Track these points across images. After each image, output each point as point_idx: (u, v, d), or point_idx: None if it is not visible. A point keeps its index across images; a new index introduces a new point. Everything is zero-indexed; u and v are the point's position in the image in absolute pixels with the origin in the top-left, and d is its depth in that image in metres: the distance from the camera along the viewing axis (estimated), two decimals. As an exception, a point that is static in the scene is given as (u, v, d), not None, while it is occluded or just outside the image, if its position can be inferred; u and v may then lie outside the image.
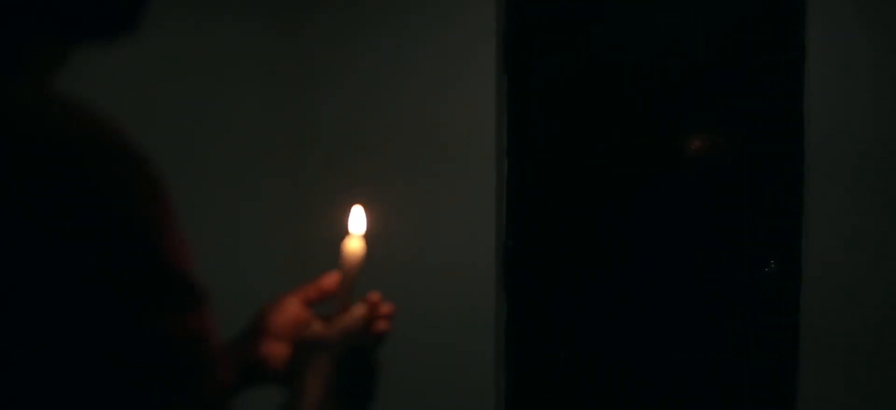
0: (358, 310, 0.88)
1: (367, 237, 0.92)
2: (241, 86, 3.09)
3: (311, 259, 1.28)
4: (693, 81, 2.84)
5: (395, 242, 3.08)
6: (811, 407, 2.71)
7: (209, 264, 0.63)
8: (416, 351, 3.12)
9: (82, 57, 0.64)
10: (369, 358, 0.90)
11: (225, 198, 2.93)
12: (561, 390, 3.10)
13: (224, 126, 2.99)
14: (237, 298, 1.15)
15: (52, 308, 0.49)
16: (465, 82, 3.08)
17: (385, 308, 0.92)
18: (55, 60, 0.61)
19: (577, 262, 3.04)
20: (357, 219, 0.92)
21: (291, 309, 0.92)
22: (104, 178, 0.51)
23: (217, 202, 2.87)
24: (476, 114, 3.06)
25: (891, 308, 2.61)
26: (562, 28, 3.02)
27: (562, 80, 3.03)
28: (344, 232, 0.92)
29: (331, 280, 0.93)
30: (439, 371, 3.13)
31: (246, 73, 3.11)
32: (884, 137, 2.60)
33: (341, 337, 0.86)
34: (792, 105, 2.70)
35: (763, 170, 2.78)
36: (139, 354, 0.51)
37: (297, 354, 0.88)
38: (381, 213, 1.01)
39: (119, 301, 0.50)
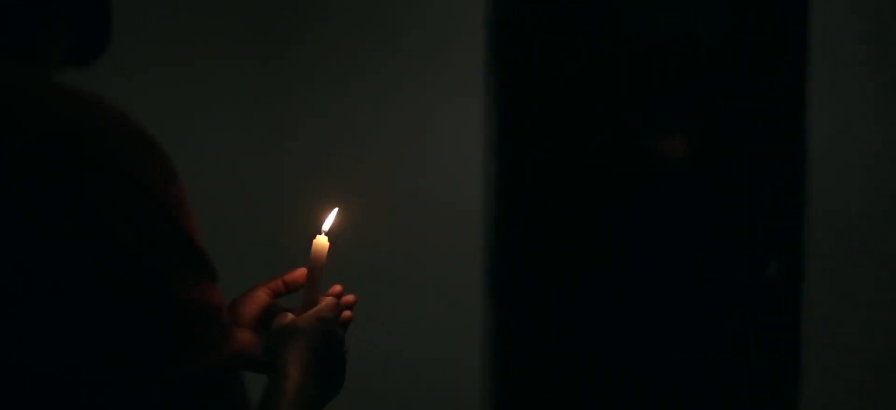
0: (328, 301, 0.99)
1: (333, 236, 1.02)
2: (223, 85, 2.99)
3: (293, 258, 1.28)
4: (691, 77, 2.80)
5: (375, 245, 3.01)
6: (814, 416, 2.65)
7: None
8: (398, 359, 3.05)
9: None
10: (339, 343, 1.00)
11: (208, 198, 2.84)
12: (551, 400, 3.02)
13: (208, 125, 2.89)
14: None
15: (83, 273, 0.54)
16: (451, 79, 3.00)
17: (348, 298, 1.04)
18: (58, 61, 0.68)
19: (568, 266, 2.98)
20: (326, 220, 1.04)
21: (259, 299, 1.01)
22: (132, 160, 0.58)
23: (200, 204, 2.78)
24: (462, 112, 2.99)
25: (897, 311, 2.55)
26: (553, 22, 2.95)
27: (554, 77, 2.97)
28: (318, 232, 1.02)
29: (297, 274, 1.04)
30: (422, 379, 3.04)
31: (228, 73, 3.02)
32: (889, 135, 2.56)
33: (314, 325, 0.95)
34: (794, 101, 2.65)
35: (763, 169, 2.73)
36: (164, 317, 0.57)
37: (274, 340, 0.95)
38: (361, 216, 1.08)
39: (147, 268, 0.57)
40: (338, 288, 1.03)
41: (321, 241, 1.01)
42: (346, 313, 1.03)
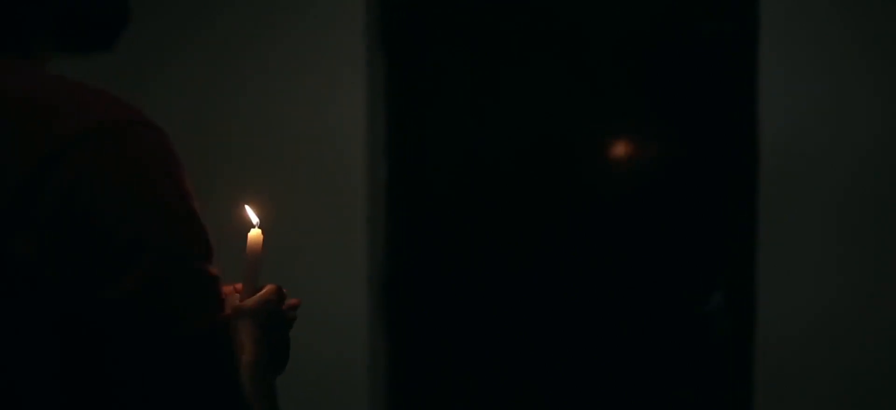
0: (269, 287, 1.14)
1: (264, 227, 1.18)
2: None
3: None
4: (619, 63, 2.68)
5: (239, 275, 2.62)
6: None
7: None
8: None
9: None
10: (284, 322, 1.18)
11: None
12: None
13: None
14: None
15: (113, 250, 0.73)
16: (327, 63, 2.76)
17: (292, 301, 1.23)
18: (49, 55, 0.87)
19: (476, 292, 2.83)
20: (249, 215, 1.21)
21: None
22: (148, 149, 0.79)
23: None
24: (341, 104, 2.76)
25: (863, 350, 2.44)
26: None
27: (457, 60, 2.83)
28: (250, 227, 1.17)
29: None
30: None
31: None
32: (853, 135, 2.43)
33: (261, 306, 1.10)
34: (742, 91, 2.53)
35: (706, 177, 2.64)
36: (189, 294, 0.78)
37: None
38: (238, 222, 1.17)
39: (174, 249, 0.78)
40: (271, 287, 1.19)
41: (256, 234, 1.18)
42: (293, 300, 1.20)
